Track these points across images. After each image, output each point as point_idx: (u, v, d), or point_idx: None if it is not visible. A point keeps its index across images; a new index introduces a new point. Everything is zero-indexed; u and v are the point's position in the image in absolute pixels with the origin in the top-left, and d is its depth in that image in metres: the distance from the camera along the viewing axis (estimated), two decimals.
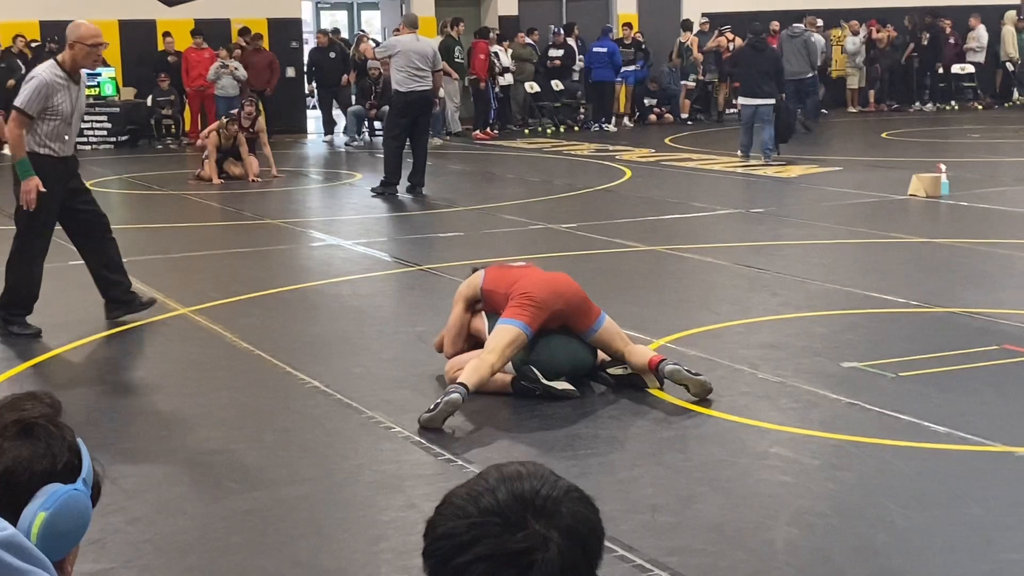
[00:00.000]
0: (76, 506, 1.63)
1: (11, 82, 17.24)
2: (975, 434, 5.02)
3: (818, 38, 20.60)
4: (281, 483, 4.77)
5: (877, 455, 4.87)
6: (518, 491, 1.41)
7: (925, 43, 22.87)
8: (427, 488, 4.65)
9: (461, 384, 5.33)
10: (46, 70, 6.93)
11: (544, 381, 5.59)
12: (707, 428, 5.26)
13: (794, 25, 19.22)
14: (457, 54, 19.23)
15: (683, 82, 21.56)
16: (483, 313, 6.00)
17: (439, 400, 5.26)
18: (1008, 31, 23.40)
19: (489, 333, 5.78)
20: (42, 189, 6.87)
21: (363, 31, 23.99)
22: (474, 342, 5.99)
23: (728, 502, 4.44)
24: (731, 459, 4.87)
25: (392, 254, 9.68)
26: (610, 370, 5.82)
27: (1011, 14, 23.52)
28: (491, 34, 20.28)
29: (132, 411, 5.71)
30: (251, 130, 14.77)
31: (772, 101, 15.05)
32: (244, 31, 19.71)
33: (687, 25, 21.83)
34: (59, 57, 7.04)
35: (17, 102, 6.91)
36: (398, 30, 13.99)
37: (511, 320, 5.64)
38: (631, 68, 20.96)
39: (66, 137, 7.00)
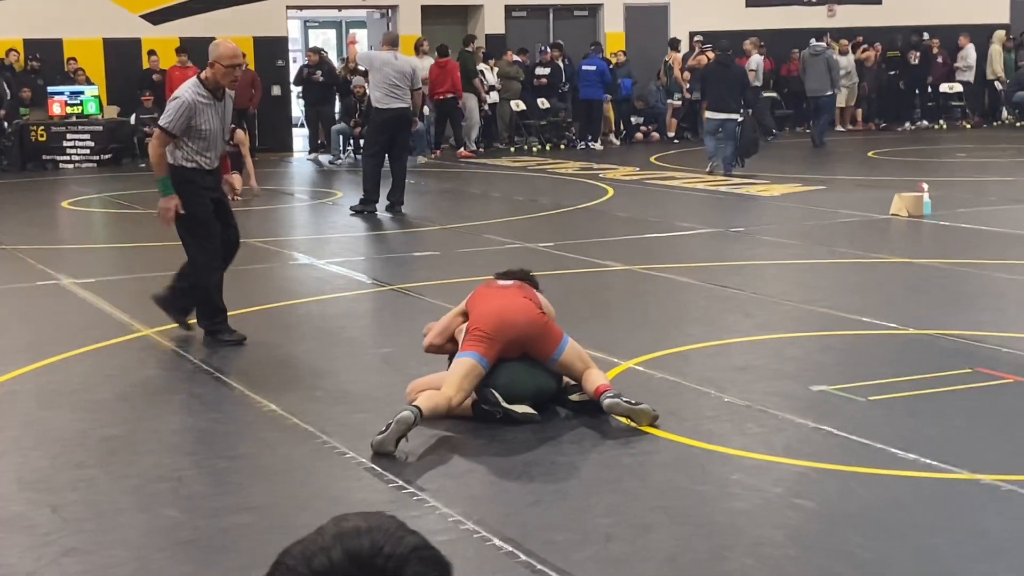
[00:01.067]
0: None
1: None
2: (942, 461, 4.89)
3: (841, 57, 20.93)
4: (227, 511, 4.63)
5: (841, 483, 4.74)
6: (355, 550, 1.25)
7: (915, 62, 22.81)
8: None
9: (415, 406, 5.20)
10: (189, 89, 7.12)
11: (504, 404, 5.46)
12: (668, 454, 5.12)
13: (815, 43, 19.59)
14: (477, 72, 19.28)
15: (669, 101, 21.49)
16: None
17: (390, 421, 5.12)
18: (995, 50, 23.37)
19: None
20: (180, 210, 7.10)
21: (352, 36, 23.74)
22: (453, 347, 5.88)
23: (684, 531, 4.31)
24: (690, 486, 4.74)
25: (366, 274, 9.55)
26: (571, 397, 5.70)
27: (1000, 33, 23.50)
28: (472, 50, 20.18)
29: (82, 435, 5.57)
30: (231, 144, 14.63)
31: (737, 116, 15.56)
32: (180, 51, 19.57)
33: (674, 44, 21.78)
34: (202, 75, 7.19)
35: (161, 121, 7.15)
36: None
37: (466, 353, 5.56)
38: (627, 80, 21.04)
39: (212, 152, 7.20)
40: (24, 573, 4.11)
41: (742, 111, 15.72)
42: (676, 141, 20.97)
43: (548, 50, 21.04)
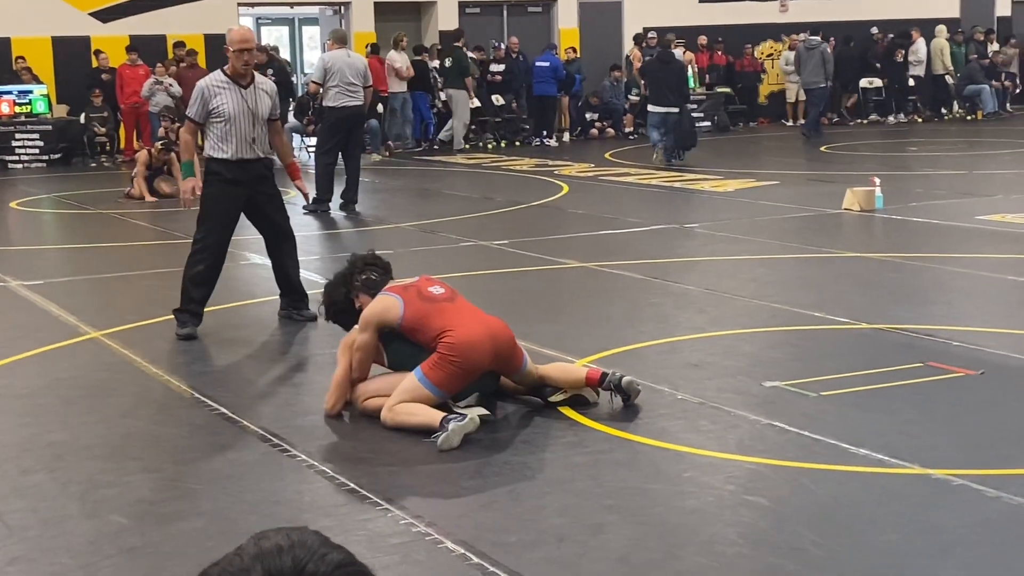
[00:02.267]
0: None
1: None
2: (893, 456, 4.90)
3: (791, 53, 21.83)
4: (175, 517, 4.56)
5: (793, 479, 4.74)
6: (276, 569, 1.21)
7: (900, 59, 22.97)
8: (328, 521, 4.46)
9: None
10: (206, 76, 7.55)
11: (458, 410, 5.39)
12: (621, 453, 5.11)
13: (810, 37, 20.39)
14: (469, 68, 19.27)
15: (628, 96, 21.52)
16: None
17: (451, 418, 5.17)
18: (940, 44, 23.54)
19: (389, 358, 5.60)
20: (197, 192, 7.44)
21: (275, 47, 23.13)
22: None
23: (637, 531, 4.29)
24: (643, 485, 4.72)
25: (320, 273, 9.46)
26: (552, 399, 5.65)
27: (941, 28, 23.70)
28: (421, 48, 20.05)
29: (28, 440, 5.47)
30: (177, 143, 14.50)
31: (676, 109, 16.48)
32: (179, 45, 19.43)
33: (638, 39, 21.74)
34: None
35: (187, 111, 7.59)
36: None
37: (427, 381, 5.34)
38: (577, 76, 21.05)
39: (233, 140, 7.27)
40: None
41: (683, 104, 16.66)
42: (632, 137, 20.98)
43: (502, 46, 20.99)
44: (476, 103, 19.88)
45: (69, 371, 6.67)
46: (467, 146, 19.80)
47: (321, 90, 12.90)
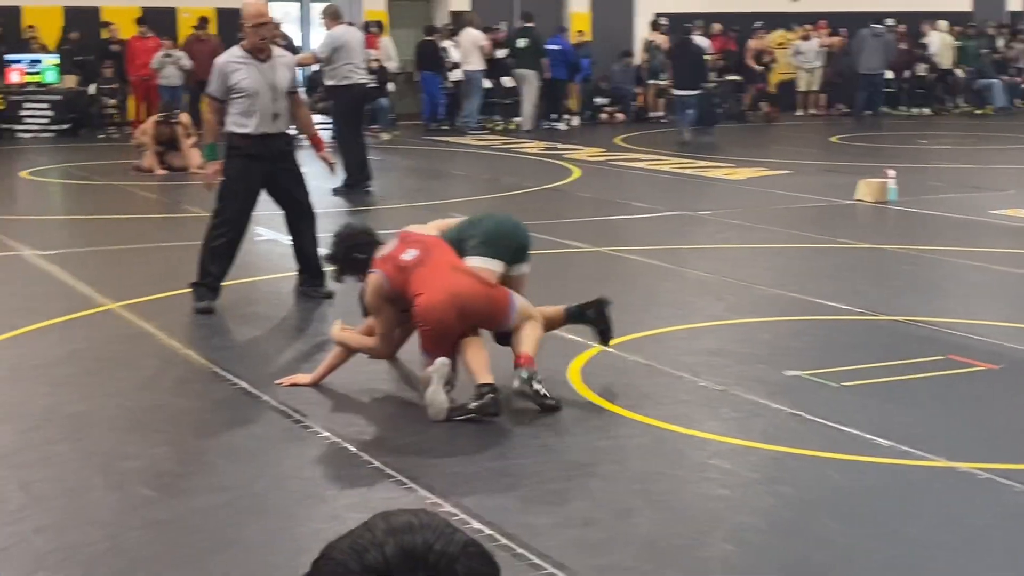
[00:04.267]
0: None
1: None
2: (918, 448, 4.90)
3: (803, 42, 22.35)
4: (200, 491, 4.56)
5: (818, 468, 4.74)
6: (408, 546, 1.22)
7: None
8: (352, 499, 4.47)
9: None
10: (224, 53, 7.56)
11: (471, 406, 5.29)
12: (645, 438, 5.11)
13: (874, 24, 21.05)
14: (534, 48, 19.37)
15: (651, 81, 21.53)
16: None
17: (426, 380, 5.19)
18: (942, 38, 23.45)
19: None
20: (220, 176, 7.38)
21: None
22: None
23: (663, 516, 4.29)
24: (668, 471, 4.73)
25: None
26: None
27: (942, 23, 23.60)
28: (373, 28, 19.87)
29: (50, 410, 5.47)
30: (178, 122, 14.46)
31: (697, 91, 17.59)
32: (204, 22, 19.27)
33: (655, 25, 21.69)
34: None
35: (207, 88, 7.54)
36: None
37: (422, 352, 5.42)
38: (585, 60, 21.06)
39: (256, 115, 7.25)
40: None
41: (702, 87, 17.71)
42: (663, 121, 21.03)
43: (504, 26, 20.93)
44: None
45: (87, 342, 6.67)
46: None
47: (319, 66, 12.67)
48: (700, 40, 20.14)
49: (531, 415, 5.38)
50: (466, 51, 19.65)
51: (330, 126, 14.54)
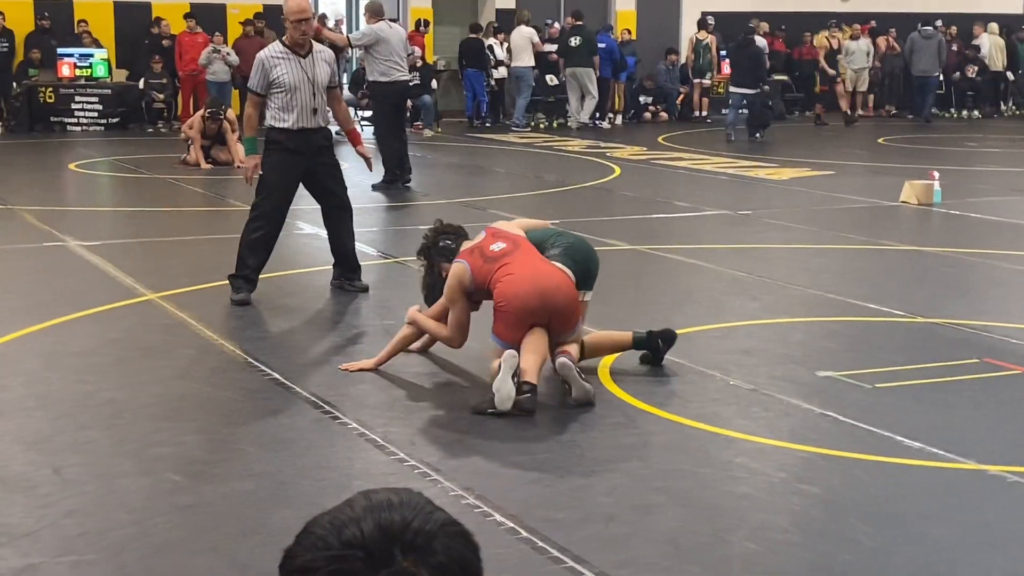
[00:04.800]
0: None
1: None
2: (949, 451, 4.86)
3: (853, 42, 22.20)
4: (228, 478, 4.61)
5: (846, 469, 4.72)
6: (386, 522, 1.24)
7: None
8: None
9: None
10: (265, 48, 7.63)
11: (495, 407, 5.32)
12: (671, 435, 5.10)
13: (925, 27, 21.10)
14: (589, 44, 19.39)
15: (697, 80, 21.48)
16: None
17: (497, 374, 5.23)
18: (993, 40, 23.17)
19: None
20: (259, 171, 7.44)
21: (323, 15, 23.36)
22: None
23: (686, 514, 4.29)
24: (693, 468, 4.72)
25: (372, 246, 9.51)
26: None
27: (993, 26, 23.33)
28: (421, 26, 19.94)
29: (85, 397, 5.55)
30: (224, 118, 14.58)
31: (754, 91, 17.73)
32: (259, 17, 19.49)
33: (703, 23, 21.63)
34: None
35: (248, 83, 7.60)
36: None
37: (494, 336, 5.51)
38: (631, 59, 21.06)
39: (295, 109, 7.32)
40: (23, 533, 4.09)
41: (760, 86, 17.91)
42: (708, 120, 21.03)
43: (557, 25, 20.94)
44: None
45: (126, 331, 6.75)
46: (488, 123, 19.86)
47: (352, 50, 12.71)
48: (760, 40, 20.14)
49: (558, 410, 5.39)
50: (517, 48, 19.70)
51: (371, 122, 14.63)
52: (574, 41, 19.58)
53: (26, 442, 4.98)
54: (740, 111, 17.94)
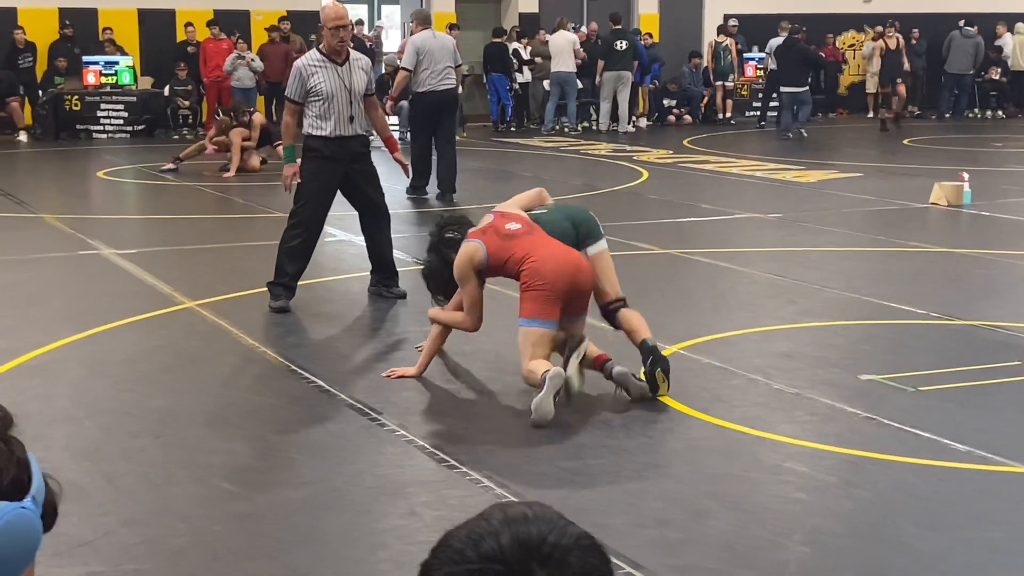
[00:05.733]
0: (24, 525, 1.47)
1: None
2: (996, 453, 4.86)
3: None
4: (280, 486, 4.65)
5: (895, 473, 4.72)
6: (523, 536, 1.26)
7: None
8: (429, 496, 4.53)
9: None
10: (302, 56, 7.63)
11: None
12: (718, 440, 5.11)
13: (965, 27, 21.52)
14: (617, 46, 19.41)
15: (719, 83, 21.50)
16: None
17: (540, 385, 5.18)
18: (1014, 39, 23.07)
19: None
20: (297, 179, 7.50)
21: (380, 25, 23.78)
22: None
23: (738, 518, 4.30)
24: (743, 473, 4.73)
25: (405, 251, 9.54)
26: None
27: (1020, 25, 23.22)
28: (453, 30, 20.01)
29: (132, 406, 5.59)
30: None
31: (803, 88, 18.45)
32: (284, 21, 19.60)
33: (723, 28, 21.64)
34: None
35: (285, 92, 7.64)
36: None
37: (525, 321, 5.42)
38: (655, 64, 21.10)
39: (332, 117, 7.38)
40: (81, 542, 4.13)
41: (808, 83, 18.65)
42: (732, 123, 21.07)
43: (583, 29, 20.95)
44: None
45: (167, 339, 6.80)
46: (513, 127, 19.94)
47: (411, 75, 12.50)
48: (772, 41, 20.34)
49: (606, 416, 5.41)
50: (559, 51, 19.70)
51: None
52: (620, 45, 19.44)
53: (76, 450, 5.02)
54: (794, 109, 18.53)
